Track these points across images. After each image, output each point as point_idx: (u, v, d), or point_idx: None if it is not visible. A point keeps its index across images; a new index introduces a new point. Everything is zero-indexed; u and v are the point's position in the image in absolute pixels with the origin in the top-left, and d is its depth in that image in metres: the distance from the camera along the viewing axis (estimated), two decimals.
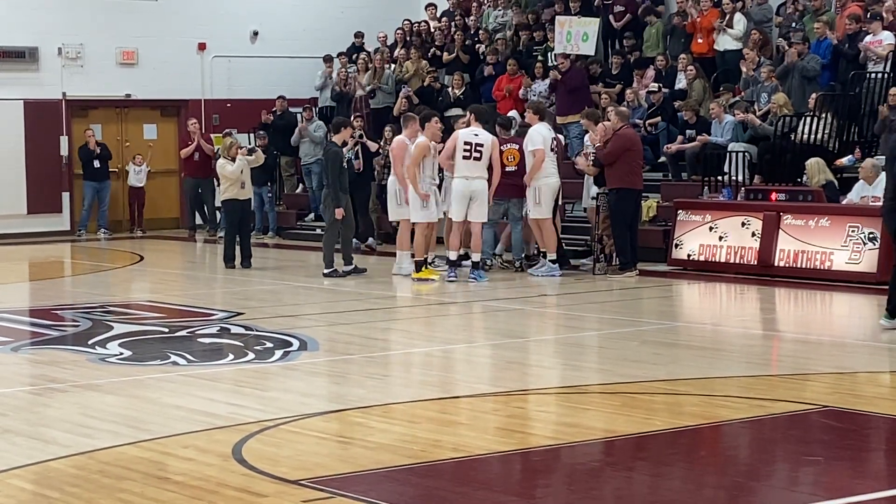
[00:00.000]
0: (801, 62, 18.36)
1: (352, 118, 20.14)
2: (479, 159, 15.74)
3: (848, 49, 18.27)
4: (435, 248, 16.91)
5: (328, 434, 8.04)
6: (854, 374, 10.02)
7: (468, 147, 15.74)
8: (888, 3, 18.36)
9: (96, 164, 24.00)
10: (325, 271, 16.60)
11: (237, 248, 17.94)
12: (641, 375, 9.90)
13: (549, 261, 16.20)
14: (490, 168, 15.97)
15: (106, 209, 24.28)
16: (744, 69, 19.25)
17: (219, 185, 18.25)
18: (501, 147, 16.32)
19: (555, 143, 16.44)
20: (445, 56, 23.80)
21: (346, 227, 16.83)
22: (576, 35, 21.23)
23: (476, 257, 15.95)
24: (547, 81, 21.25)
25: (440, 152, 16.04)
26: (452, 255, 16.00)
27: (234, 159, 17.55)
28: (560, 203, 16.75)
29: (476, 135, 15.85)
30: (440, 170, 16.36)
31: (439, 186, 16.44)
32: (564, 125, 20.64)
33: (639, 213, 17.05)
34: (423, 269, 15.99)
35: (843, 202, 15.93)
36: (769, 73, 18.65)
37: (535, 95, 20.77)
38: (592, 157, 16.46)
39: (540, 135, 16.15)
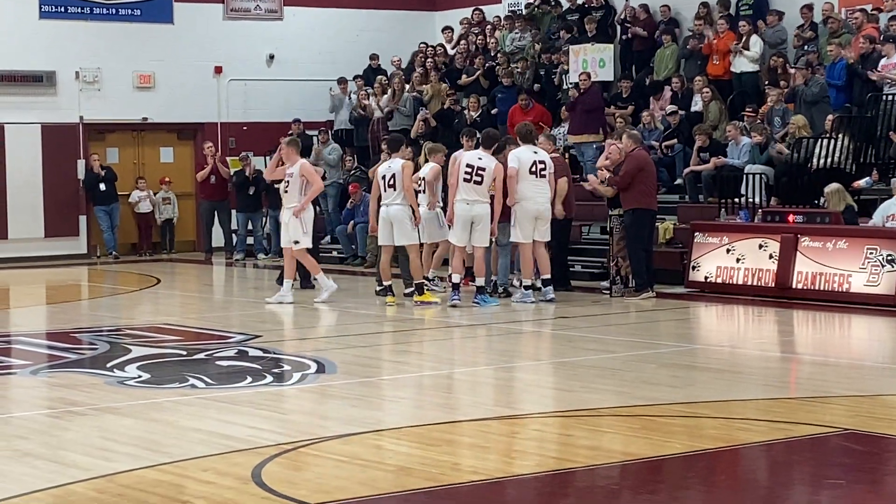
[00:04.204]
0: (805, 87, 18.38)
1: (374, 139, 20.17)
2: (479, 183, 15.42)
3: (862, 70, 18.26)
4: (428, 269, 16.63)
5: (347, 457, 8.03)
6: (874, 397, 9.97)
7: (469, 170, 15.47)
8: None
9: (102, 186, 24.06)
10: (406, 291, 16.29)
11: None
12: (659, 398, 9.88)
13: (523, 287, 15.91)
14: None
15: (115, 232, 24.28)
16: (768, 100, 19.15)
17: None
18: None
19: (541, 165, 15.65)
20: (464, 78, 23.79)
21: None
22: (592, 62, 21.29)
23: (480, 282, 15.69)
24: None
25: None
26: (456, 279, 15.68)
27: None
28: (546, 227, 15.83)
29: (480, 158, 15.57)
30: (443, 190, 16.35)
31: (443, 208, 16.35)
32: (578, 145, 20.58)
33: (654, 235, 17.00)
34: (425, 292, 15.84)
35: (870, 223, 15.84)
36: (778, 97, 18.67)
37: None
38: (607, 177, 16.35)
39: (516, 157, 15.68)
